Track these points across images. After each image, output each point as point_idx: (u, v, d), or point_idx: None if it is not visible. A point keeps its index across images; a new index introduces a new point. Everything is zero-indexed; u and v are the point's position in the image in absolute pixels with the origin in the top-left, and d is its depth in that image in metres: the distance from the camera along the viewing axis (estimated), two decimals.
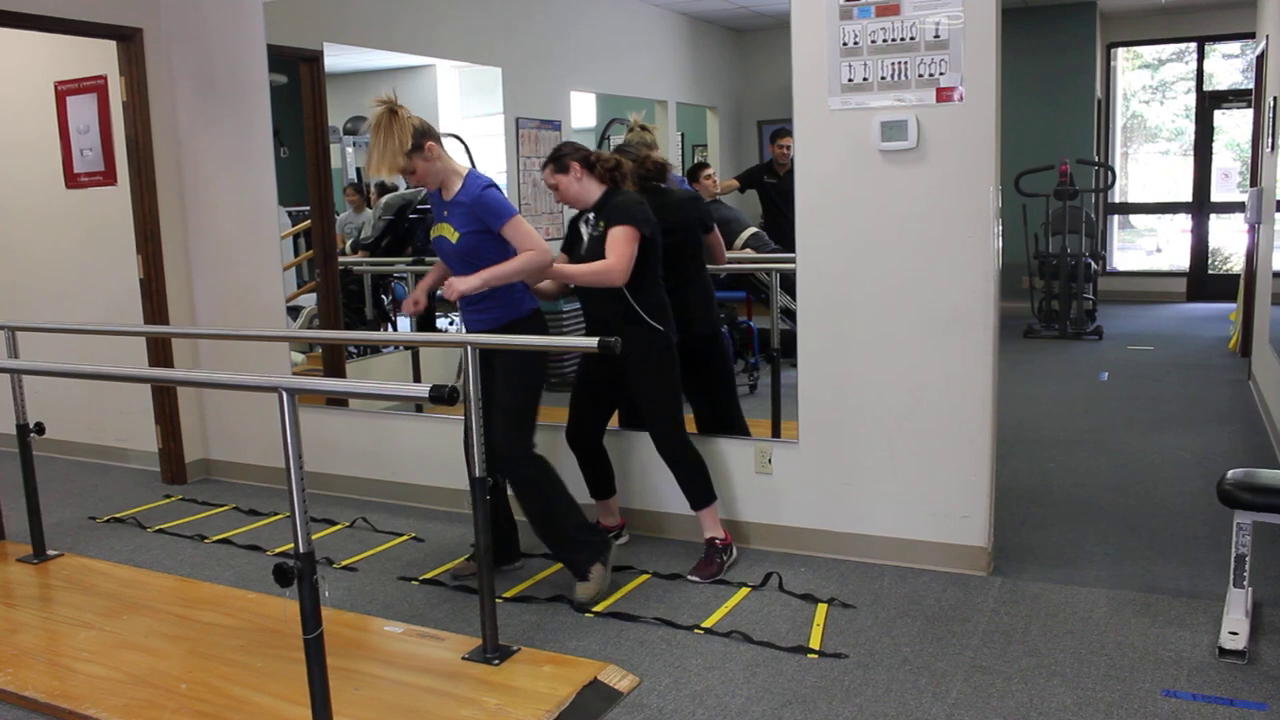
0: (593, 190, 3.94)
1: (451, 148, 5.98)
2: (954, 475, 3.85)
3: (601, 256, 3.82)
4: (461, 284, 3.60)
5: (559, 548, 3.84)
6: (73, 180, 5.95)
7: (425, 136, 3.65)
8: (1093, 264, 9.24)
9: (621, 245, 3.78)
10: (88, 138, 5.81)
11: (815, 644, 3.34)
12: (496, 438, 3.71)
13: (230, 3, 5.18)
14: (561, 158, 3.93)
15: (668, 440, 4.04)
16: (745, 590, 3.80)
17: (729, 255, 5.58)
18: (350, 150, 7.05)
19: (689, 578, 3.97)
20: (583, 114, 6.63)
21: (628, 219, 3.82)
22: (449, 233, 3.73)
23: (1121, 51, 11.55)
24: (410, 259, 6.24)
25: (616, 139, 6.31)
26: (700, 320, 4.30)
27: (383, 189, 6.77)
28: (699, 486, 4.07)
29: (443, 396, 2.42)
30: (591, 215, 3.97)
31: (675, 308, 4.08)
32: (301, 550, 2.57)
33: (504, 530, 4.11)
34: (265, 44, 5.13)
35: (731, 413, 4.48)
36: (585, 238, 3.98)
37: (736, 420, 4.47)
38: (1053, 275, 9.11)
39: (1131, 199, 11.99)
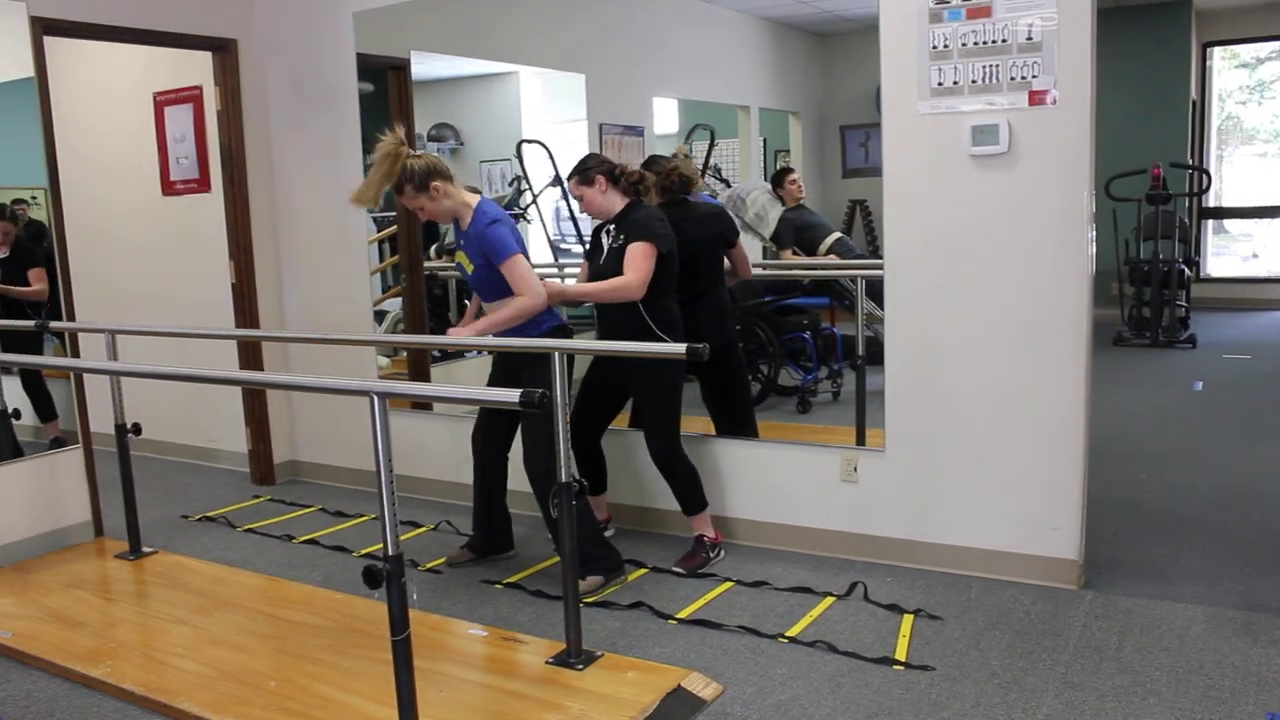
0: (616, 202, 4.08)
1: (535, 154, 6.07)
2: (1044, 485, 3.77)
3: (619, 267, 3.96)
4: (456, 336, 3.98)
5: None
6: (169, 187, 6.12)
7: (431, 177, 3.81)
8: (1186, 270, 8.99)
9: (640, 261, 3.92)
10: (183, 146, 5.96)
11: (901, 655, 3.30)
12: (527, 451, 3.94)
13: (321, 13, 5.29)
14: (587, 170, 4.08)
15: (661, 447, 4.17)
16: (830, 600, 3.77)
17: (813, 260, 5.57)
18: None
19: (673, 568, 4.14)
20: (665, 120, 6.63)
21: (647, 235, 3.95)
22: (466, 262, 3.95)
23: (1218, 51, 11.23)
24: None
25: (700, 145, 6.32)
26: (713, 333, 4.31)
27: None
28: (691, 494, 4.22)
29: (533, 402, 2.43)
30: (612, 227, 4.09)
31: (687, 320, 4.18)
32: (390, 553, 2.60)
33: (500, 521, 4.34)
34: (355, 53, 5.22)
35: (745, 423, 4.64)
36: (605, 248, 4.11)
37: (748, 430, 4.63)
38: (1144, 282, 8.88)
39: (1226, 203, 11.65)
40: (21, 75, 4.51)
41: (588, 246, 4.32)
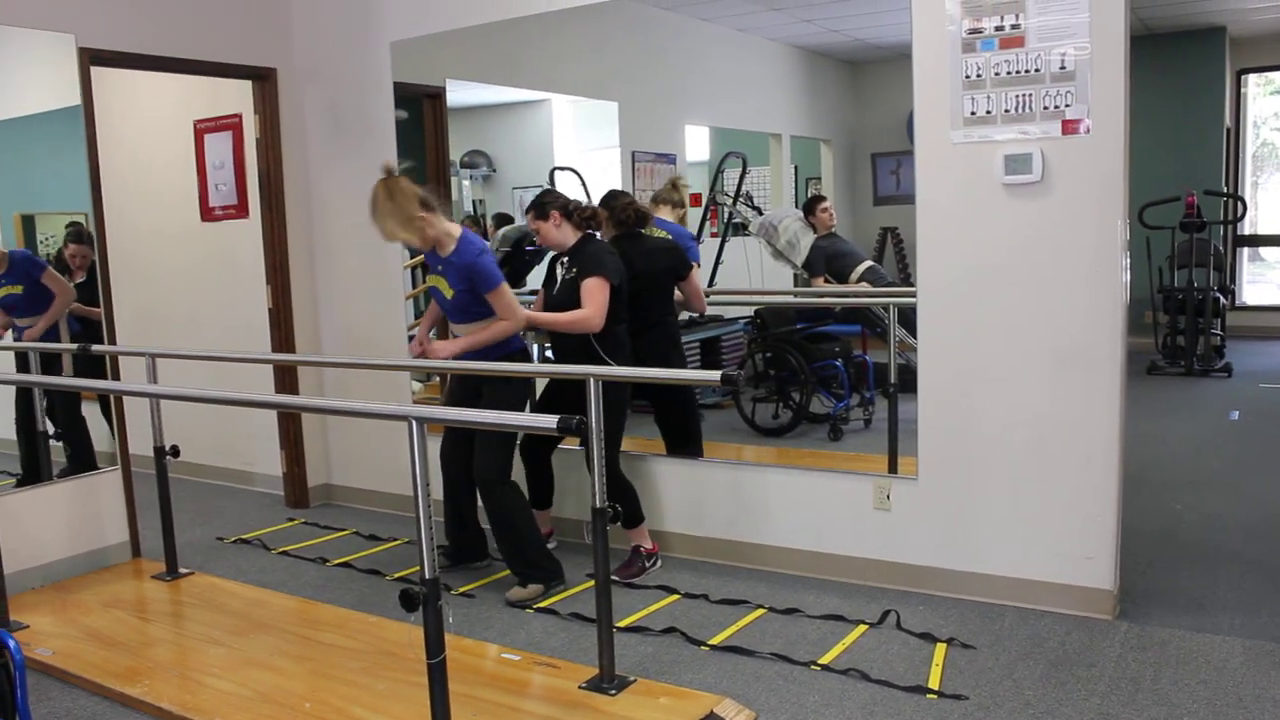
0: (569, 236, 4.35)
1: (568, 181, 6.12)
2: (1078, 514, 3.75)
3: (572, 296, 4.23)
4: (442, 350, 4.20)
5: (513, 559, 4.27)
6: (208, 213, 6.21)
7: (422, 206, 4.10)
8: (1221, 298, 8.92)
9: (596, 295, 4.18)
10: (223, 173, 6.06)
11: (934, 684, 3.28)
12: (477, 459, 4.22)
13: (359, 43, 5.37)
14: (543, 205, 4.34)
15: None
16: (863, 627, 3.76)
17: (844, 288, 5.58)
18: (467, 183, 7.22)
19: (611, 577, 4.28)
20: (697, 148, 6.67)
21: (599, 270, 4.21)
22: (444, 287, 4.20)
23: (1253, 78, 11.17)
24: (528, 291, 6.34)
25: (731, 173, 6.35)
26: (659, 362, 4.51)
27: (500, 221, 6.91)
28: (627, 509, 4.39)
29: (569, 428, 2.46)
30: (566, 259, 4.33)
31: (637, 349, 4.42)
32: (427, 576, 2.63)
33: (470, 531, 4.57)
34: (391, 82, 5.30)
35: (693, 441, 4.82)
36: (559, 279, 4.33)
37: (694, 447, 4.81)
38: (1178, 310, 8.82)
39: (1262, 230, 11.55)
40: (68, 104, 4.60)
41: (545, 276, 4.57)
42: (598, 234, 4.43)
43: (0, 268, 4.77)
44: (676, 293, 4.77)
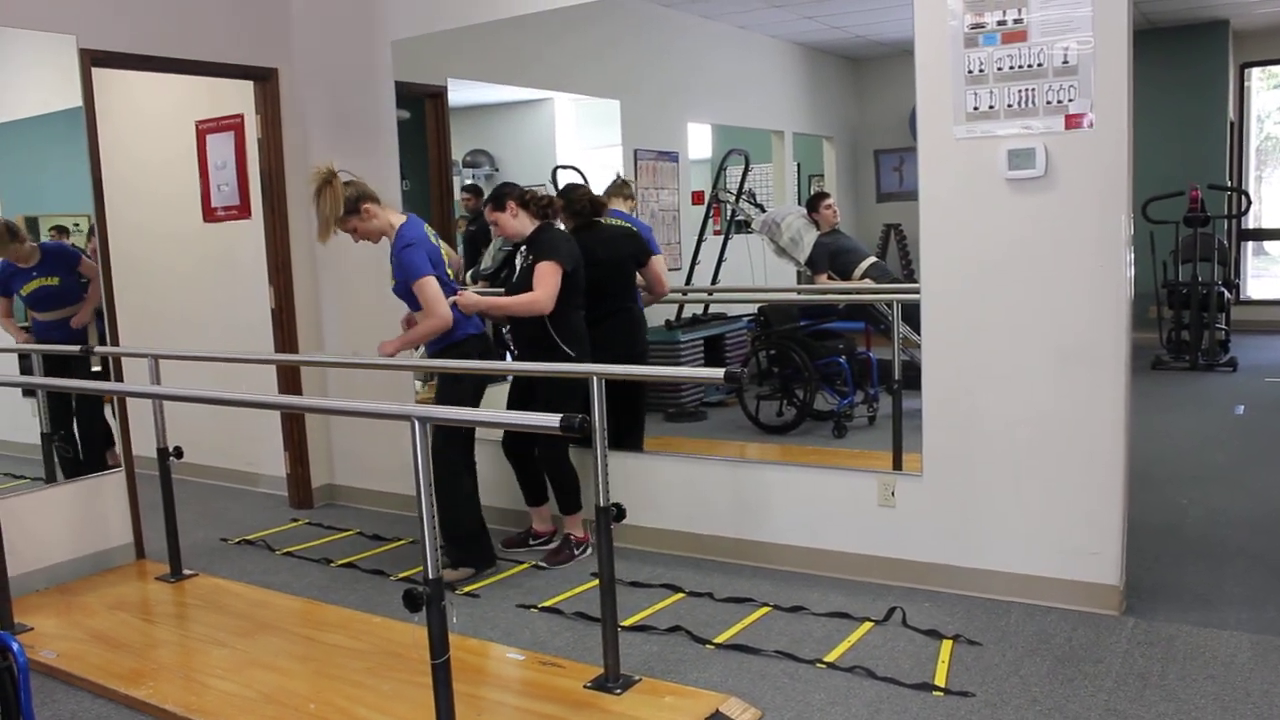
0: (526, 225, 4.41)
1: (570, 180, 6.10)
2: (1083, 510, 3.74)
3: (529, 284, 4.28)
4: (383, 349, 4.34)
5: (447, 540, 4.34)
6: (210, 214, 6.21)
7: (361, 200, 4.25)
8: (1225, 292, 8.90)
9: (547, 278, 4.24)
10: (224, 173, 6.06)
11: (940, 681, 3.27)
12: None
13: (360, 42, 5.36)
14: (500, 196, 4.40)
15: (551, 452, 4.57)
16: (868, 625, 3.75)
17: (848, 284, 5.57)
18: (470, 183, 7.22)
19: (539, 564, 4.58)
20: (699, 145, 6.66)
21: (553, 255, 4.27)
22: (391, 276, 4.34)
23: (1256, 72, 11.15)
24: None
25: (734, 170, 6.34)
26: (624, 347, 4.62)
27: None
28: (569, 497, 4.60)
29: (573, 427, 2.44)
30: (524, 248, 4.38)
31: (601, 334, 4.49)
32: (430, 576, 2.62)
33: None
34: (393, 81, 5.29)
35: (636, 433, 4.88)
36: (518, 267, 4.44)
37: (635, 440, 4.87)
38: (1183, 305, 8.80)
39: (1266, 224, 11.53)
40: (70, 105, 4.60)
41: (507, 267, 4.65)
42: (557, 222, 4.48)
43: (32, 260, 4.79)
44: (639, 279, 4.81)
